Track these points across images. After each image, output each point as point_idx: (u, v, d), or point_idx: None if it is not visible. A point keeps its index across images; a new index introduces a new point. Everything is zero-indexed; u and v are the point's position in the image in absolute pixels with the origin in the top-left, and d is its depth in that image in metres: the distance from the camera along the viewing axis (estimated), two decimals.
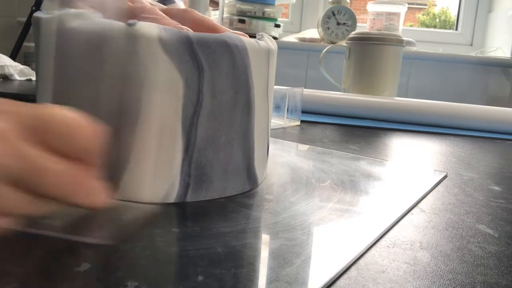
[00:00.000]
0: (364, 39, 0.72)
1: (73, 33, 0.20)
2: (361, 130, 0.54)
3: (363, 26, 1.25)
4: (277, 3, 1.09)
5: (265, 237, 0.19)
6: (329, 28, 1.11)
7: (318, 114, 0.63)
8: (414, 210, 0.25)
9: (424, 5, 1.72)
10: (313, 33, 1.20)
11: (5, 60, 0.77)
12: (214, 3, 1.09)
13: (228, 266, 0.16)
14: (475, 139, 0.54)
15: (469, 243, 0.20)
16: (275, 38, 1.11)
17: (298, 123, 0.54)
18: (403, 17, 1.17)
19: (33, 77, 0.78)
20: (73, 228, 0.18)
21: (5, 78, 0.75)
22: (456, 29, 1.35)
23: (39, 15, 0.21)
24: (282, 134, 0.47)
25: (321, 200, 0.24)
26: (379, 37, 0.71)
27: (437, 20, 1.63)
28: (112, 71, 0.20)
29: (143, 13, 0.22)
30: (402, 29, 1.18)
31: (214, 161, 0.22)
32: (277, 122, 0.52)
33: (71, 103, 0.21)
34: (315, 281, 0.15)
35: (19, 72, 0.77)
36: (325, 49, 0.79)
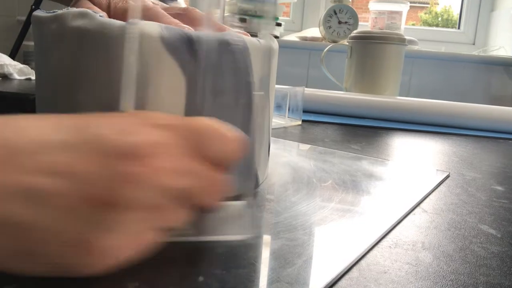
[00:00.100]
0: (366, 38, 0.71)
1: (73, 32, 0.20)
2: (363, 130, 0.54)
3: (365, 25, 1.24)
4: (278, 1, 1.09)
5: (266, 237, 0.19)
6: (330, 27, 1.11)
7: (319, 114, 0.63)
8: (416, 210, 0.25)
9: (427, 3, 1.72)
10: (314, 32, 1.20)
11: (5, 59, 0.77)
12: None
13: (229, 267, 0.16)
14: (477, 138, 0.54)
15: (472, 243, 0.20)
16: (276, 37, 1.11)
17: (300, 122, 0.54)
18: (405, 16, 1.17)
19: (33, 76, 0.78)
20: (209, 230, 0.18)
21: (4, 77, 0.75)
22: (459, 27, 1.35)
23: (39, 14, 0.21)
24: (283, 133, 0.47)
25: (322, 200, 0.24)
26: (381, 36, 0.70)
27: (439, 19, 1.62)
28: (113, 70, 0.20)
29: (145, 11, 0.22)
30: (404, 28, 1.18)
31: None
32: (278, 121, 0.52)
33: (72, 102, 0.21)
34: (316, 281, 0.15)
35: (19, 71, 0.77)
36: (327, 48, 0.79)
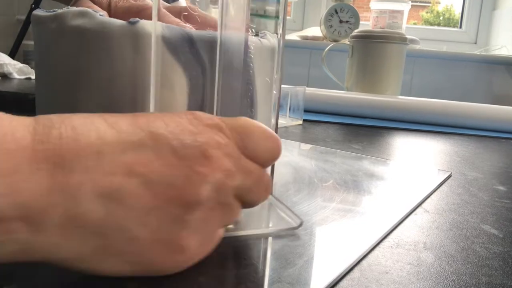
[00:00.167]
0: (367, 37, 0.71)
1: (73, 31, 0.20)
2: (364, 129, 0.54)
3: (366, 24, 1.24)
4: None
5: (267, 238, 0.19)
6: (331, 26, 1.11)
7: (320, 113, 0.63)
8: (417, 210, 0.24)
9: (428, 2, 1.72)
10: (315, 31, 1.19)
11: (4, 58, 0.77)
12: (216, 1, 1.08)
13: (230, 267, 0.16)
14: (479, 138, 0.53)
15: (474, 243, 0.20)
16: None
17: (301, 122, 0.54)
18: (407, 15, 1.17)
19: (33, 76, 0.78)
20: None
21: (4, 76, 0.75)
22: (460, 27, 1.34)
23: (39, 13, 0.21)
24: (285, 133, 0.47)
25: (323, 200, 0.24)
26: (382, 35, 0.70)
27: (441, 18, 1.62)
28: (113, 69, 0.20)
29: (145, 10, 0.22)
30: (406, 27, 1.18)
31: None
32: (280, 121, 0.52)
33: (72, 102, 0.21)
34: (317, 282, 0.15)
35: (18, 70, 0.77)
36: (328, 47, 0.79)
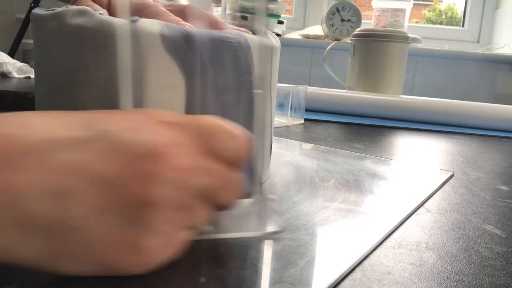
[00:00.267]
0: (369, 36, 0.71)
1: (73, 30, 0.19)
2: (366, 129, 0.54)
3: (368, 22, 1.24)
4: None
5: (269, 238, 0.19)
6: (333, 25, 1.10)
7: (322, 112, 0.63)
8: (420, 210, 0.24)
9: (430, 1, 1.71)
10: (317, 30, 1.19)
11: (4, 57, 0.77)
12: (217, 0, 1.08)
13: (231, 267, 0.16)
14: (482, 137, 0.53)
15: (476, 243, 0.20)
16: (278, 35, 1.10)
17: (302, 121, 0.54)
18: (409, 14, 1.16)
19: (32, 75, 0.78)
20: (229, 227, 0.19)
21: (3, 75, 0.75)
22: (463, 25, 1.34)
23: (38, 11, 0.21)
24: (286, 132, 0.47)
25: (325, 200, 0.24)
26: (384, 34, 0.70)
27: (443, 17, 1.61)
28: (113, 68, 0.20)
29: (145, 9, 0.22)
30: (408, 25, 1.18)
31: None
32: (281, 120, 0.52)
33: (71, 101, 0.20)
34: (319, 282, 0.15)
35: (18, 69, 0.76)
36: (329, 46, 0.78)
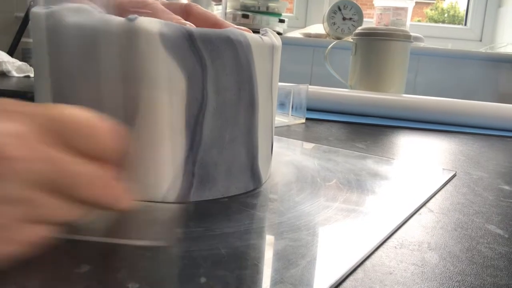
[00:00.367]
0: (370, 35, 0.71)
1: (71, 28, 0.19)
2: (368, 128, 0.54)
3: (370, 21, 1.24)
4: None
5: (270, 238, 0.19)
6: (335, 23, 1.10)
7: (323, 112, 0.63)
8: (422, 210, 0.24)
9: None
10: (318, 28, 1.19)
11: (3, 56, 0.77)
12: None
13: (232, 268, 0.15)
14: (484, 137, 0.53)
15: (479, 244, 0.20)
16: (279, 33, 1.10)
17: (303, 120, 0.54)
18: (411, 12, 1.16)
19: (31, 74, 0.77)
20: (115, 232, 0.18)
21: (3, 74, 0.75)
22: (465, 24, 1.33)
23: (37, 10, 0.21)
24: (287, 132, 0.47)
25: (326, 200, 0.24)
26: (386, 33, 0.70)
27: (445, 15, 1.61)
28: (111, 68, 0.20)
29: (144, 7, 0.22)
30: (410, 24, 1.17)
31: (218, 160, 0.22)
32: (282, 119, 0.52)
33: (69, 100, 0.20)
34: (320, 282, 0.15)
35: (17, 68, 0.76)
36: (331, 45, 0.78)
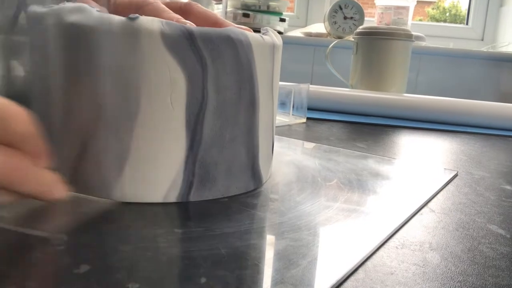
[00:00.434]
0: (372, 34, 0.71)
1: (71, 27, 0.19)
2: (369, 128, 0.54)
3: (371, 20, 1.23)
4: None
5: (270, 238, 0.19)
6: (336, 23, 1.10)
7: (324, 111, 0.63)
8: (423, 210, 0.24)
9: None
10: (319, 27, 1.19)
11: None
12: None
13: (232, 268, 0.15)
14: (486, 136, 0.53)
15: (480, 244, 0.20)
16: (280, 32, 1.10)
17: (304, 120, 0.54)
18: (412, 11, 1.16)
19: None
20: (24, 221, 0.18)
21: None
22: (467, 23, 1.33)
23: (35, 9, 0.21)
24: (288, 131, 0.47)
25: (327, 200, 0.24)
26: (388, 32, 0.70)
27: (447, 14, 1.60)
28: (111, 67, 0.19)
29: (145, 6, 0.22)
30: (411, 23, 1.17)
31: (218, 160, 0.22)
32: (283, 119, 0.52)
33: (69, 99, 0.20)
34: (321, 283, 0.15)
35: None
36: (332, 44, 0.78)
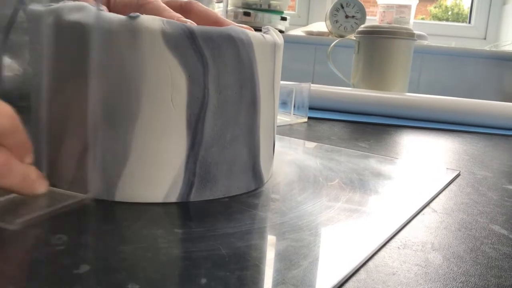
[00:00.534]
0: (373, 33, 0.70)
1: (71, 26, 0.19)
2: (371, 127, 0.53)
3: (373, 19, 1.23)
4: None
5: (271, 238, 0.18)
6: (337, 21, 1.10)
7: (326, 111, 0.62)
8: (425, 210, 0.24)
9: None
10: (320, 26, 1.18)
11: None
12: None
13: (233, 268, 0.15)
14: (488, 136, 0.53)
15: (483, 244, 0.20)
16: (281, 31, 1.10)
17: (305, 119, 0.54)
18: (414, 10, 1.15)
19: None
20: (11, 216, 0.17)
21: None
22: (469, 22, 1.32)
23: (35, 7, 0.21)
24: (289, 131, 0.46)
25: (329, 200, 0.24)
26: (390, 31, 0.69)
27: (449, 13, 1.60)
28: (112, 66, 0.19)
29: (146, 5, 0.22)
30: (413, 22, 1.17)
31: (219, 159, 0.22)
32: (284, 118, 0.52)
33: (69, 98, 0.20)
34: (322, 283, 0.15)
35: (8, 67, 0.76)
36: (333, 43, 0.78)
